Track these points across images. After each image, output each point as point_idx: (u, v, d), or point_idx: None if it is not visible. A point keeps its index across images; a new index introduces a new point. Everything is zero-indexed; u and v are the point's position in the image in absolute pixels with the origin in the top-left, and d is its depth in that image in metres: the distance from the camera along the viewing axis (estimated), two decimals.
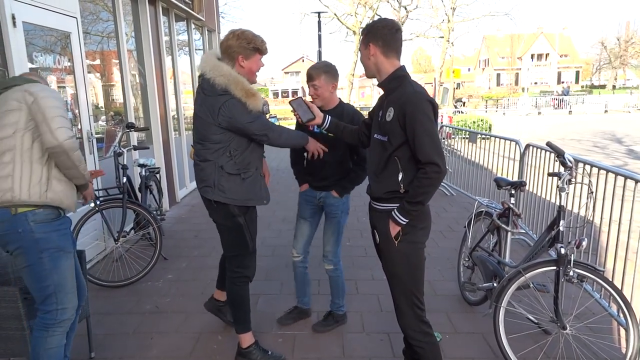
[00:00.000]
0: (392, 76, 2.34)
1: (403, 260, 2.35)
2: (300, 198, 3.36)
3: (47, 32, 4.25)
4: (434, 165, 2.16)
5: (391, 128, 2.27)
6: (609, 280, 2.74)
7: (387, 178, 2.32)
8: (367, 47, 2.35)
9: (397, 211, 2.28)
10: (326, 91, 3.03)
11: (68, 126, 2.28)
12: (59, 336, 2.39)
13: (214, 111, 2.68)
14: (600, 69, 68.94)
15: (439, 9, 34.08)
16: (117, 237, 4.36)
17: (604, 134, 17.51)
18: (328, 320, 3.45)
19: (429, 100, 2.22)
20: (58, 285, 2.35)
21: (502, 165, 6.51)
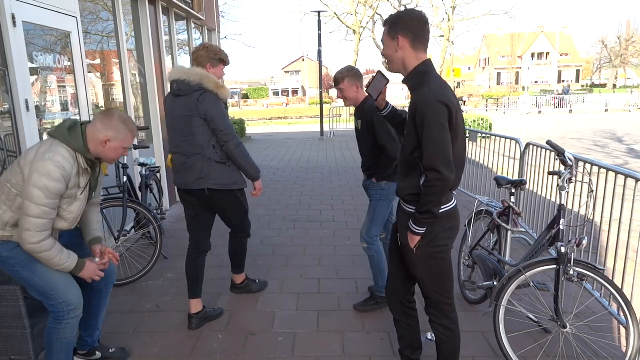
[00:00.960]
0: (414, 72, 2.21)
1: (424, 265, 2.34)
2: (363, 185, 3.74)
3: (47, 31, 4.25)
4: (436, 172, 2.09)
5: (408, 129, 2.22)
6: (609, 279, 2.74)
7: (411, 179, 2.27)
8: (395, 38, 2.20)
9: (411, 221, 2.25)
10: (352, 92, 3.43)
11: (40, 229, 2.26)
12: (70, 327, 2.49)
13: (192, 106, 3.17)
14: (600, 68, 68.90)
15: (439, 7, 34.12)
16: (118, 236, 4.36)
17: (604, 132, 17.50)
18: (368, 301, 3.69)
19: (443, 102, 2.08)
20: (48, 286, 2.43)
21: (502, 164, 6.51)
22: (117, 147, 2.43)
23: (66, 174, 2.27)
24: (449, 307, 2.46)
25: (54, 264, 2.37)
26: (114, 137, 2.39)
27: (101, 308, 2.87)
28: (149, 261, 4.32)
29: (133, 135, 2.48)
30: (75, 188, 2.38)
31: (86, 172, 2.43)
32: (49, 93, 4.35)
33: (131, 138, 2.47)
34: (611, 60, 62.70)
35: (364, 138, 3.50)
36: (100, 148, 2.39)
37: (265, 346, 3.18)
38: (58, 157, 2.25)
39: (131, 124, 2.47)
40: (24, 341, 2.48)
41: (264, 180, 9.10)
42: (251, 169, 3.43)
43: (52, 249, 2.33)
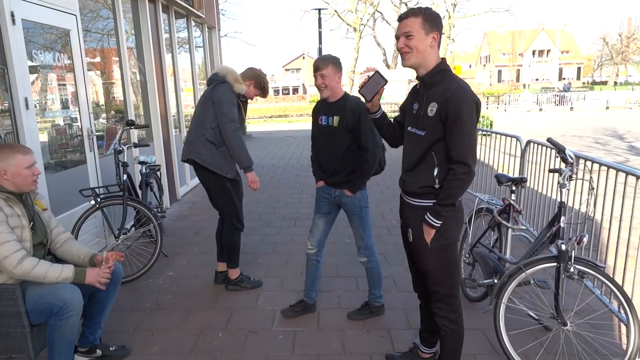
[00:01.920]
0: (435, 69, 2.26)
1: (437, 257, 2.39)
2: (317, 194, 3.44)
3: (46, 29, 4.24)
4: (465, 166, 2.17)
5: (431, 123, 2.23)
6: (609, 277, 2.73)
7: (422, 172, 2.31)
8: (429, 34, 2.20)
9: (429, 214, 2.30)
10: (333, 81, 3.15)
11: (12, 250, 2.39)
12: (70, 325, 2.51)
13: (210, 92, 3.73)
14: (601, 65, 68.77)
15: (440, 4, 34.00)
16: (118, 234, 4.36)
17: (605, 130, 17.47)
18: (363, 309, 3.54)
19: (474, 100, 2.18)
20: (41, 294, 2.48)
21: (502, 162, 6.50)
22: (18, 173, 2.52)
23: None
24: (456, 301, 2.50)
25: (50, 277, 2.49)
26: (7, 166, 2.49)
27: (106, 306, 2.89)
28: (149, 259, 4.31)
29: (24, 152, 2.56)
30: (15, 217, 2.52)
31: (14, 202, 2.54)
32: (48, 91, 4.34)
33: (22, 156, 2.55)
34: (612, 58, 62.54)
35: (340, 137, 3.18)
36: (6, 182, 2.51)
37: (266, 344, 3.18)
38: None
39: (15, 146, 2.58)
40: (23, 340, 2.48)
41: (264, 178, 9.09)
42: (243, 156, 3.71)
43: (38, 264, 2.46)
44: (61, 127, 4.51)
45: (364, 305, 3.56)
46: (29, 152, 2.59)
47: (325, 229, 3.46)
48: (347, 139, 3.18)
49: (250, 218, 6.23)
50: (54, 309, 2.46)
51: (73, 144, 4.69)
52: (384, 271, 4.36)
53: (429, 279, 2.48)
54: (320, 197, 3.41)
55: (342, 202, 3.32)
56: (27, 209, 2.63)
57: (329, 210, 3.42)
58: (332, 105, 3.21)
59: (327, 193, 3.36)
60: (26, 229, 2.56)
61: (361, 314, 3.51)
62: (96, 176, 4.93)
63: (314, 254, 3.49)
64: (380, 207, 6.61)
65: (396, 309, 3.64)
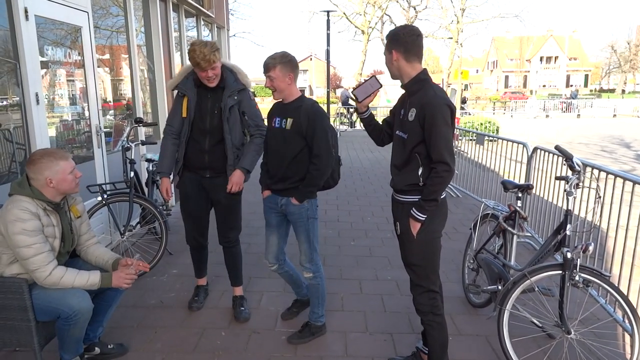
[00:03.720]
0: (414, 79, 2.52)
1: (421, 249, 2.58)
2: (265, 205, 3.22)
3: (58, 25, 4.27)
4: (444, 164, 2.38)
5: (412, 127, 2.47)
6: (614, 286, 2.72)
7: (408, 172, 2.53)
8: (391, 52, 2.53)
9: (415, 209, 2.50)
10: (282, 82, 2.93)
11: (44, 262, 2.46)
12: (79, 326, 2.55)
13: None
14: (609, 72, 68.49)
15: (448, 9, 33.97)
16: (124, 231, 4.38)
17: (612, 138, 17.40)
18: (304, 331, 3.25)
19: (448, 104, 2.41)
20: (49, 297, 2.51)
21: (508, 168, 6.49)
22: (63, 179, 2.56)
23: (33, 212, 2.46)
24: (437, 295, 2.68)
25: (77, 285, 2.54)
26: (52, 174, 2.53)
27: (112, 305, 2.91)
28: (154, 256, 4.33)
29: (65, 158, 2.60)
30: (51, 226, 2.57)
31: (52, 212, 2.59)
32: (58, 87, 4.37)
33: (65, 162, 2.58)
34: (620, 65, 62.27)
35: (290, 140, 2.96)
36: (51, 190, 2.55)
37: (268, 345, 3.19)
38: (19, 203, 2.46)
39: (55, 152, 2.60)
40: (29, 333, 2.49)
41: None
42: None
43: (66, 274, 2.51)
44: (69, 123, 4.54)
45: (305, 326, 3.28)
46: (69, 157, 2.63)
47: (279, 243, 3.24)
48: (299, 143, 2.96)
49: (255, 218, 6.24)
50: (62, 314, 2.49)
51: (81, 139, 4.71)
52: (387, 274, 4.37)
53: (413, 273, 2.65)
54: (267, 208, 3.18)
55: (288, 212, 3.08)
56: (62, 218, 2.67)
57: (278, 223, 3.19)
58: (287, 107, 3.02)
59: (274, 202, 3.13)
60: (57, 240, 2.61)
61: (303, 337, 3.22)
62: (103, 173, 4.96)
63: (277, 268, 3.31)
64: (385, 211, 6.61)
65: (399, 312, 3.64)
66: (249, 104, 3.36)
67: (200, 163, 3.32)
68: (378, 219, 6.19)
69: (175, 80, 3.33)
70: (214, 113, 3.25)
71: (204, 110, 3.26)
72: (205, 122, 3.26)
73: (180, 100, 3.30)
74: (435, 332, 2.67)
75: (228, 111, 3.24)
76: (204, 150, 3.29)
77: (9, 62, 3.66)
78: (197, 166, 3.34)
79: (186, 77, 3.30)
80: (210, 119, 3.26)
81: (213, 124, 3.26)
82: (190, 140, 3.31)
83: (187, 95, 3.26)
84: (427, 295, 2.65)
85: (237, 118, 3.30)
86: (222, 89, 3.25)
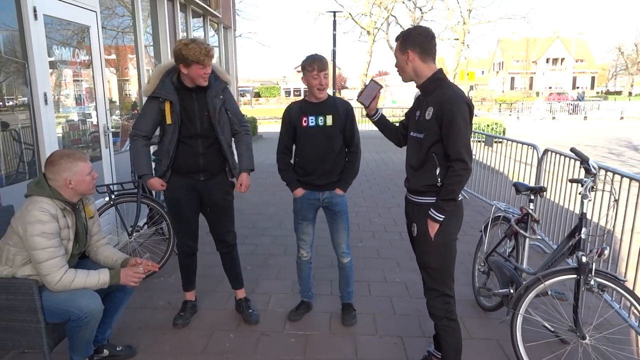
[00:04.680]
0: (431, 79, 2.49)
1: (438, 252, 2.54)
2: (301, 203, 3.30)
3: (66, 25, 4.26)
4: (462, 162, 2.36)
5: (429, 126, 2.44)
6: (631, 291, 2.67)
7: (425, 172, 2.49)
8: (405, 53, 2.49)
9: (433, 209, 2.46)
10: (327, 81, 3.16)
11: (57, 267, 2.43)
12: (90, 328, 2.54)
13: None
14: (616, 74, 68.14)
15: (455, 10, 33.87)
16: (131, 232, 4.37)
17: (619, 140, 17.26)
18: (351, 311, 3.51)
19: (467, 102, 2.39)
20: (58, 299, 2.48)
21: (517, 170, 6.43)
22: (81, 180, 2.55)
23: (53, 214, 2.44)
24: (452, 299, 2.62)
25: (89, 287, 2.52)
26: (71, 175, 2.51)
27: (120, 307, 2.89)
28: (162, 257, 4.31)
29: (84, 159, 2.58)
30: (66, 229, 2.55)
31: (69, 213, 2.58)
32: (66, 87, 4.36)
33: (84, 163, 2.57)
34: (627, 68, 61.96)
35: (335, 137, 3.17)
36: (69, 191, 2.54)
37: (277, 347, 3.16)
38: (40, 204, 2.43)
39: (73, 153, 2.58)
40: (38, 335, 2.47)
41: (275, 178, 9.05)
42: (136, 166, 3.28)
43: (76, 277, 2.49)
44: (77, 123, 4.53)
45: (347, 307, 3.53)
46: (87, 158, 2.62)
47: (313, 234, 3.46)
48: (340, 138, 3.19)
49: (261, 219, 6.22)
50: (72, 317, 2.47)
51: (88, 139, 4.70)
52: (396, 276, 4.33)
53: (429, 276, 2.60)
54: (305, 204, 3.30)
55: (333, 203, 3.28)
56: (78, 219, 2.65)
57: (314, 215, 3.38)
58: (321, 105, 3.16)
59: (314, 198, 3.27)
60: (70, 243, 2.59)
61: (353, 315, 3.49)
62: (111, 173, 4.94)
63: (308, 259, 3.51)
64: (392, 212, 6.57)
65: (409, 315, 3.60)
66: (232, 101, 3.31)
67: (194, 167, 3.21)
68: (385, 220, 6.15)
69: (151, 85, 3.10)
70: (204, 115, 3.14)
71: (192, 114, 3.13)
72: (195, 125, 3.13)
73: (157, 105, 3.11)
74: (449, 337, 2.62)
75: (217, 113, 3.15)
76: (198, 154, 3.18)
77: (18, 61, 3.65)
78: (190, 170, 3.22)
79: (161, 80, 3.10)
80: (201, 122, 3.14)
81: (204, 126, 3.15)
82: (179, 144, 3.16)
83: (169, 100, 3.07)
84: (442, 299, 2.60)
85: (225, 117, 3.24)
86: (204, 89, 3.14)
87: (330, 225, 3.38)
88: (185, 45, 2.92)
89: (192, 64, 2.94)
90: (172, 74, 3.11)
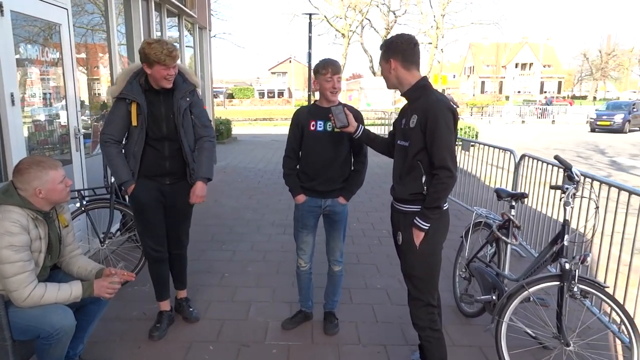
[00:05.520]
0: (415, 86, 2.48)
1: (423, 261, 2.52)
2: (302, 210, 3.24)
3: (36, 22, 4.07)
4: (446, 170, 2.34)
5: (413, 133, 2.42)
6: (613, 297, 2.69)
7: (411, 181, 2.47)
8: (388, 61, 2.49)
9: (418, 218, 2.44)
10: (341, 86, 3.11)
11: (25, 283, 2.28)
12: (61, 345, 2.40)
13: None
14: (581, 80, 70.28)
15: (428, 15, 34.29)
16: (103, 239, 4.20)
17: (586, 144, 17.75)
18: (333, 320, 3.45)
19: (450, 109, 2.38)
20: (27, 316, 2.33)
21: (494, 174, 6.49)
22: (53, 189, 2.41)
23: (24, 225, 2.30)
24: (435, 309, 2.61)
25: (60, 301, 2.37)
26: (41, 185, 2.37)
27: (93, 320, 2.74)
28: (136, 265, 4.17)
29: (54, 167, 2.44)
30: (38, 240, 2.40)
31: (41, 222, 2.43)
32: (34, 86, 4.17)
33: (54, 171, 2.43)
34: (592, 73, 64.00)
35: (342, 142, 3.09)
36: (40, 200, 2.40)
37: (259, 359, 3.06)
38: (9, 214, 2.29)
39: (43, 161, 2.43)
40: (3, 353, 2.31)
41: (251, 182, 8.96)
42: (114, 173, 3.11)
43: (47, 292, 2.33)
44: (46, 124, 4.33)
45: (330, 316, 3.47)
46: (59, 166, 2.46)
47: (313, 244, 3.35)
48: (347, 145, 3.12)
49: (239, 224, 6.10)
50: (42, 334, 2.32)
51: (57, 142, 4.51)
52: (376, 282, 4.29)
53: (413, 285, 2.58)
54: (306, 211, 3.22)
55: (334, 212, 3.21)
56: (51, 228, 2.50)
57: (315, 224, 3.28)
58: (323, 110, 3.07)
59: (316, 205, 3.20)
60: (42, 255, 2.44)
61: (336, 324, 3.43)
62: (82, 177, 4.75)
63: (308, 269, 3.40)
64: (370, 217, 6.54)
65: (391, 323, 3.56)
66: (199, 105, 3.24)
67: (160, 170, 3.13)
68: (364, 225, 6.12)
69: (118, 86, 3.01)
70: (170, 117, 3.08)
71: (159, 116, 3.06)
72: (161, 128, 3.06)
73: (125, 107, 3.02)
74: (433, 347, 2.60)
75: (181, 115, 3.09)
76: (164, 157, 3.12)
77: None
78: (156, 174, 3.14)
79: (129, 82, 3.01)
80: (167, 124, 3.08)
81: (170, 129, 3.08)
82: (146, 147, 3.08)
83: (136, 101, 2.99)
84: (426, 309, 2.58)
85: (189, 120, 3.17)
86: (172, 91, 3.07)
87: (327, 232, 3.31)
88: (149, 45, 2.87)
89: (155, 64, 2.88)
90: (140, 75, 3.04)
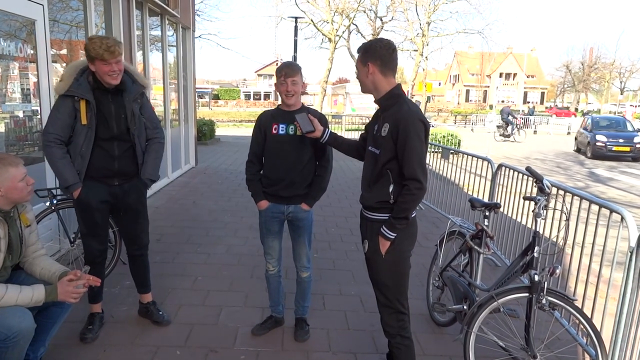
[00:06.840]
0: (389, 94, 2.47)
1: (390, 270, 2.51)
2: (265, 216, 3.18)
3: (9, 17, 3.98)
4: (417, 182, 2.33)
5: (384, 142, 2.41)
6: (580, 310, 2.71)
7: (379, 189, 2.46)
8: (366, 65, 2.45)
9: (385, 227, 2.42)
10: (300, 89, 3.03)
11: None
12: (19, 348, 2.32)
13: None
14: (564, 91, 71.42)
15: (414, 22, 34.52)
16: (74, 239, 4.12)
17: (566, 155, 18.03)
18: (304, 326, 3.43)
19: (422, 120, 2.36)
20: None
21: (472, 182, 6.54)
22: (12, 187, 2.36)
23: None
24: (406, 316, 2.60)
25: (20, 304, 2.29)
26: (0, 182, 2.33)
27: (56, 323, 2.67)
28: (107, 266, 4.05)
29: (15, 164, 2.38)
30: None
31: (1, 222, 2.37)
32: (6, 82, 4.07)
33: (14, 168, 2.37)
34: (574, 85, 65.09)
35: (303, 147, 3.04)
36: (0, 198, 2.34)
37: None
38: None
39: (4, 157, 2.38)
40: None
41: (231, 184, 8.90)
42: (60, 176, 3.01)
43: (7, 293, 2.28)
44: (18, 121, 4.24)
45: (301, 322, 3.44)
46: (20, 163, 2.39)
47: (280, 247, 3.31)
48: (309, 149, 3.08)
49: (216, 227, 6.04)
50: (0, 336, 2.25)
51: (29, 139, 4.41)
52: (351, 289, 4.27)
53: (381, 293, 2.57)
54: (269, 217, 3.16)
55: (298, 219, 3.15)
56: (11, 228, 2.42)
57: (280, 228, 3.24)
58: (293, 114, 3.00)
59: (278, 211, 3.14)
60: (2, 255, 2.36)
61: (307, 331, 3.42)
62: (53, 175, 4.65)
63: (276, 272, 3.37)
64: (349, 222, 6.53)
65: (363, 331, 3.54)
66: (148, 106, 3.25)
67: (108, 171, 3.07)
68: (342, 231, 6.10)
69: (65, 83, 2.91)
70: (121, 118, 3.04)
71: (108, 115, 2.99)
72: (111, 128, 3.01)
73: (71, 105, 2.91)
74: (403, 355, 2.60)
75: (135, 117, 3.08)
76: (113, 157, 3.06)
77: None
78: (104, 175, 3.07)
79: (76, 79, 2.93)
80: (117, 125, 3.03)
81: (121, 129, 3.05)
82: (94, 148, 2.99)
83: (85, 99, 2.91)
84: (396, 316, 2.57)
85: (142, 122, 3.17)
86: (121, 92, 3.04)
87: (292, 238, 3.28)
88: (90, 40, 2.85)
89: (95, 59, 2.84)
90: (87, 72, 2.98)
